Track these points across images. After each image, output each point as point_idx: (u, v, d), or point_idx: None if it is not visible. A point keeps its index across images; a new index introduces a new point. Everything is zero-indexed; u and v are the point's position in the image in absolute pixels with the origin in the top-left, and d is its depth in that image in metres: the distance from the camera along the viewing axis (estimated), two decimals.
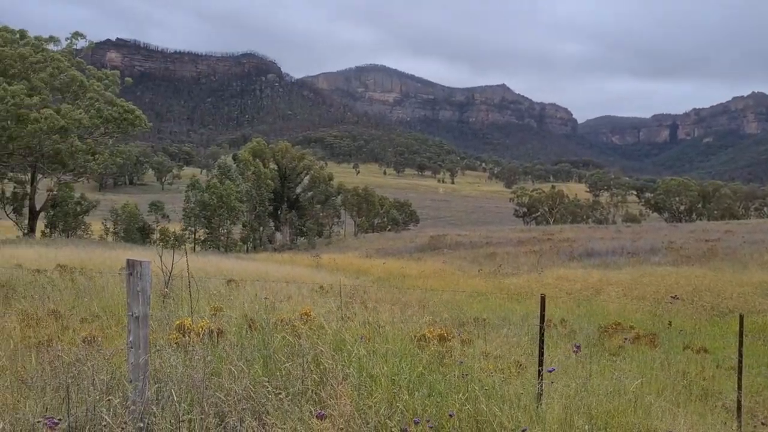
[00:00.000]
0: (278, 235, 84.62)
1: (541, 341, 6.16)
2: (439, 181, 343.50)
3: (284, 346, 6.09)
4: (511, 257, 40.31)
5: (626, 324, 13.38)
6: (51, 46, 51.77)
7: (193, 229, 73.60)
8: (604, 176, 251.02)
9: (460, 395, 5.27)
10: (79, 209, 59.19)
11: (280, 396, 4.92)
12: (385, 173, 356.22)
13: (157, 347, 5.81)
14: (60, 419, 4.12)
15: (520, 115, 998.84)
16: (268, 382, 5.15)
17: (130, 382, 4.65)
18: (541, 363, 5.92)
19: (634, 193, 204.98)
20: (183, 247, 36.37)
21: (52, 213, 56.97)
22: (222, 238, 72.83)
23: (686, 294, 20.96)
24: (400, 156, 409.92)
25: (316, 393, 5.21)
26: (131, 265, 4.77)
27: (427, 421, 4.62)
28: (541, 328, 6.25)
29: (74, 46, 54.03)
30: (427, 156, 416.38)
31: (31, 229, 52.25)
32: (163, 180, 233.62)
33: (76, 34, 53.64)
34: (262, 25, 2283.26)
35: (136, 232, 74.53)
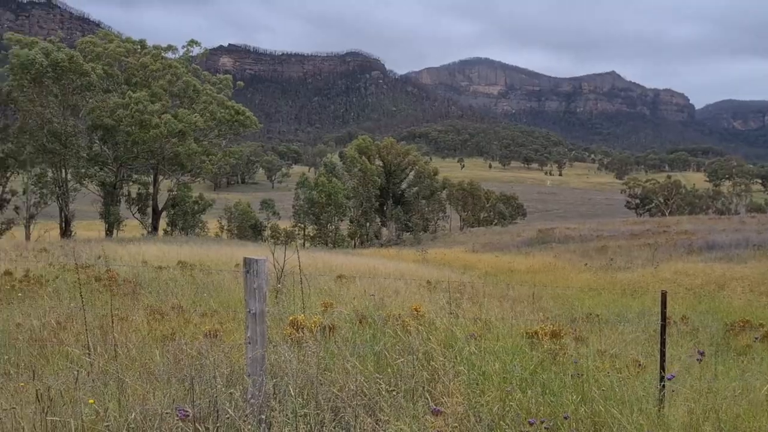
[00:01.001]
0: (384, 231, 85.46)
1: (663, 340, 5.85)
2: (546, 173, 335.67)
3: (395, 342, 6.10)
4: (624, 251, 38.81)
5: (755, 321, 12.50)
6: (169, 54, 54.73)
7: (302, 225, 75.70)
8: (725, 164, 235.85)
9: (575, 396, 5.10)
10: (196, 208, 62.05)
11: (393, 392, 4.93)
12: (490, 167, 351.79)
13: (273, 343, 5.97)
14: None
15: (631, 102, 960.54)
16: (380, 378, 5.18)
17: (249, 376, 4.79)
18: (663, 364, 5.62)
19: (759, 181, 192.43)
20: (293, 243, 37.49)
21: (172, 212, 60.08)
22: (330, 234, 74.49)
23: None
24: (505, 149, 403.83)
25: (427, 390, 5.19)
26: (248, 263, 4.87)
27: (542, 422, 4.48)
28: (663, 326, 5.93)
29: (190, 54, 56.84)
30: (533, 148, 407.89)
31: (154, 228, 55.50)
32: (272, 178, 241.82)
33: (192, 42, 56.39)
34: (365, 23, 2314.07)
35: (249, 229, 77.54)
